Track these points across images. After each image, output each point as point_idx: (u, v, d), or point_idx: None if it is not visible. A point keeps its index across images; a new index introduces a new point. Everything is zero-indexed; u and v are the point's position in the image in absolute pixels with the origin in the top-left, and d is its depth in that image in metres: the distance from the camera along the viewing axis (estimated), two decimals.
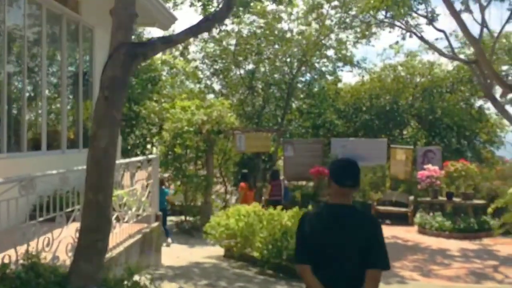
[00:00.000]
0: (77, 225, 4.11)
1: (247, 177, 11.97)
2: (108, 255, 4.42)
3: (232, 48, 16.08)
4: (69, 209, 4.64)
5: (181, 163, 12.08)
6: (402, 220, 12.55)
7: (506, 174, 11.71)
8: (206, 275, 6.56)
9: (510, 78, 15.54)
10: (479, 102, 17.03)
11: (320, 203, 12.98)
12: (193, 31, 4.62)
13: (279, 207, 7.95)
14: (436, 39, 11.80)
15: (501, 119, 17.54)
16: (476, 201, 11.59)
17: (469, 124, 16.61)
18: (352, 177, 2.69)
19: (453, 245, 10.07)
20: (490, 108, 17.48)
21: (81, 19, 8.40)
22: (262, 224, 7.15)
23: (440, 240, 10.66)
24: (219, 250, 8.32)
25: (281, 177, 12.88)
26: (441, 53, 11.68)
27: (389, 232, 11.48)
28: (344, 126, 18.01)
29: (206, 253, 8.73)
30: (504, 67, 15.01)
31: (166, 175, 12.98)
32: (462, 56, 14.73)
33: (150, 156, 6.88)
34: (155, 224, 6.66)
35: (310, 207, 10.57)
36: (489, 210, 9.50)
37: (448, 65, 17.16)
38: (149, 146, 15.69)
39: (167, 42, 4.57)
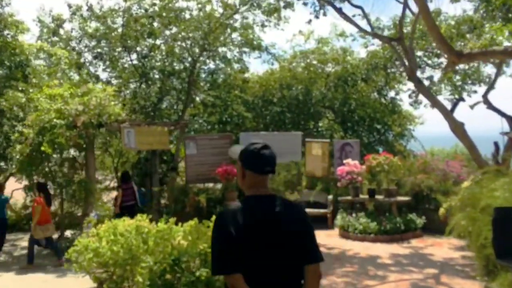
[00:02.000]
0: None
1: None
2: None
3: (120, 29, 13.64)
4: None
5: (49, 166, 9.53)
6: (321, 223, 11.28)
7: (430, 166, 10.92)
8: None
9: (423, 67, 15.13)
10: (391, 93, 16.56)
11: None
12: None
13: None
14: (354, 15, 10.54)
15: (413, 111, 17.33)
16: (400, 198, 10.66)
17: (381, 116, 16.03)
18: (272, 162, 2.47)
19: (382, 250, 8.91)
20: (402, 99, 17.12)
21: None
22: (147, 246, 5.15)
23: (366, 244, 9.49)
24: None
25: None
26: (361, 29, 10.55)
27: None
28: (254, 121, 16.52)
29: (77, 286, 6.53)
30: (419, 53, 14.52)
31: (25, 183, 10.38)
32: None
33: None
34: None
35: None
36: (442, 211, 8.44)
37: (361, 52, 16.47)
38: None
39: None
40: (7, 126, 12.43)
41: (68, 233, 10.05)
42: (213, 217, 6.36)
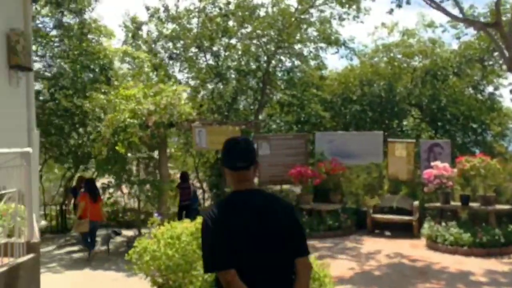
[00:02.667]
0: None
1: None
2: None
3: (195, 29, 13.71)
4: None
5: (123, 165, 9.69)
6: (406, 231, 10.32)
7: None
8: None
9: None
10: (489, 88, 14.91)
11: (302, 211, 10.75)
12: None
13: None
14: (441, 1, 9.47)
15: None
16: (499, 206, 9.37)
17: (478, 114, 14.48)
18: (242, 157, 2.41)
19: (476, 266, 7.82)
20: (502, 95, 15.34)
21: None
22: None
23: (457, 258, 8.42)
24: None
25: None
26: (452, 16, 9.46)
27: (391, 247, 9.27)
28: (333, 120, 15.81)
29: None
30: None
31: (105, 181, 10.68)
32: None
33: (22, 150, 4.50)
34: (26, 258, 4.27)
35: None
36: None
37: (453, 44, 15.05)
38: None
39: None
40: (90, 127, 13.02)
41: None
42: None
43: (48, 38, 13.20)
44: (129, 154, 10.01)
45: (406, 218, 10.50)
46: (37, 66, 14.58)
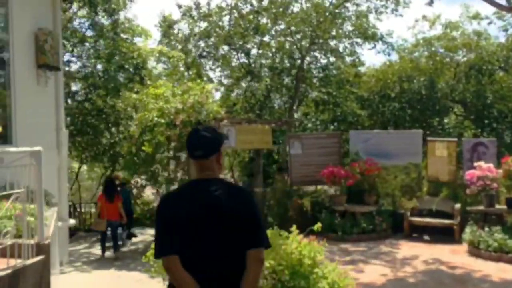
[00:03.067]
0: None
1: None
2: None
3: (226, 27, 13.56)
4: None
5: (151, 165, 9.65)
6: (446, 235, 9.73)
7: None
8: None
9: None
10: None
11: (335, 213, 10.36)
12: None
13: None
14: None
15: None
16: None
17: None
18: (201, 147, 2.40)
19: None
20: None
21: None
22: None
23: (501, 266, 7.80)
24: None
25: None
26: (498, 6, 8.76)
27: (429, 253, 8.74)
28: (370, 119, 15.27)
29: None
30: None
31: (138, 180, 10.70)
32: None
33: (32, 149, 4.43)
34: (34, 260, 4.19)
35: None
36: None
37: (500, 37, 14.15)
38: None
39: None
40: (123, 126, 13.16)
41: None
42: (318, 224, 5.65)
43: (84, 39, 13.43)
44: (158, 154, 9.95)
45: (447, 221, 9.89)
46: (74, 67, 14.92)
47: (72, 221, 8.85)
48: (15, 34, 7.27)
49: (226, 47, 13.78)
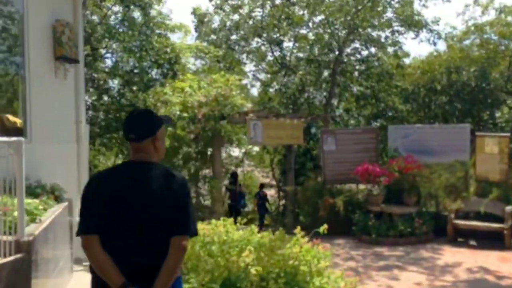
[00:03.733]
0: None
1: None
2: None
3: (259, 17, 13.06)
4: None
5: (171, 160, 9.35)
6: (495, 241, 8.76)
7: None
8: None
9: None
10: None
11: (370, 214, 9.64)
12: None
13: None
14: None
15: None
16: None
17: None
18: (134, 129, 2.37)
19: None
20: None
21: None
22: (205, 256, 4.05)
23: None
24: None
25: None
26: None
27: (474, 260, 7.91)
28: (416, 114, 14.31)
29: None
30: None
31: None
32: None
33: (9, 139, 4.15)
34: (11, 259, 3.91)
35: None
36: None
37: None
38: None
39: None
40: None
41: None
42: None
43: (115, 35, 13.41)
44: (183, 149, 9.66)
45: (496, 225, 8.91)
46: (108, 62, 15.00)
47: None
48: (30, 25, 7.14)
49: (258, 40, 13.27)
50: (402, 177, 9.80)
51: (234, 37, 13.38)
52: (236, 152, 20.75)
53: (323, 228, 4.61)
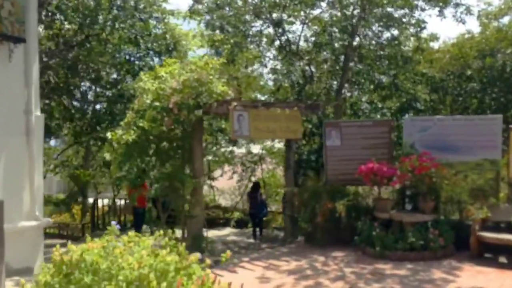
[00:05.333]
0: None
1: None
2: None
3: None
4: None
5: (141, 157, 8.20)
6: None
7: None
8: None
9: None
10: None
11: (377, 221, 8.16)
12: None
13: None
14: None
15: None
16: None
17: None
18: None
19: None
20: None
21: None
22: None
23: None
24: None
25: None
26: None
27: (500, 283, 6.36)
28: (445, 105, 12.62)
29: None
30: None
31: None
32: None
33: None
34: None
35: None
36: None
37: None
38: None
39: None
40: None
41: None
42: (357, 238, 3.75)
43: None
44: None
45: None
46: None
47: (47, 220, 7.68)
48: None
49: (259, 22, 11.90)
50: (416, 179, 8.25)
51: (229, 13, 11.94)
52: (256, 149, 19.51)
53: (225, 256, 3.37)
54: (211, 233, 12.71)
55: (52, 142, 18.00)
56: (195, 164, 8.46)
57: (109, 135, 8.08)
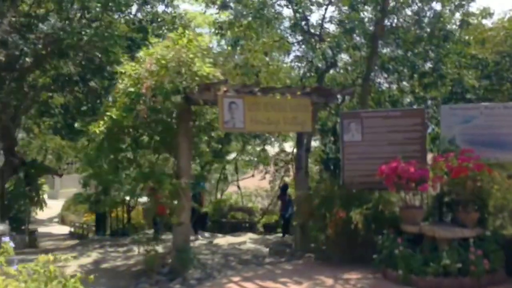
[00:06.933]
0: None
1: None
2: None
3: None
4: None
5: (115, 153, 7.00)
6: None
7: None
8: None
9: None
10: None
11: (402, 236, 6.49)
12: None
13: None
14: None
15: None
16: None
17: None
18: None
19: None
20: None
21: None
22: None
23: None
24: None
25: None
26: None
27: None
28: (498, 92, 10.66)
29: None
30: None
31: None
32: None
33: None
34: None
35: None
36: None
37: None
38: None
39: None
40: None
41: None
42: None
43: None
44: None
45: None
46: None
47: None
48: None
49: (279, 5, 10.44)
50: (454, 182, 6.50)
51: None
52: (289, 147, 18.04)
53: None
54: (224, 240, 11.41)
55: None
56: (179, 162, 7.14)
57: (77, 125, 6.93)
